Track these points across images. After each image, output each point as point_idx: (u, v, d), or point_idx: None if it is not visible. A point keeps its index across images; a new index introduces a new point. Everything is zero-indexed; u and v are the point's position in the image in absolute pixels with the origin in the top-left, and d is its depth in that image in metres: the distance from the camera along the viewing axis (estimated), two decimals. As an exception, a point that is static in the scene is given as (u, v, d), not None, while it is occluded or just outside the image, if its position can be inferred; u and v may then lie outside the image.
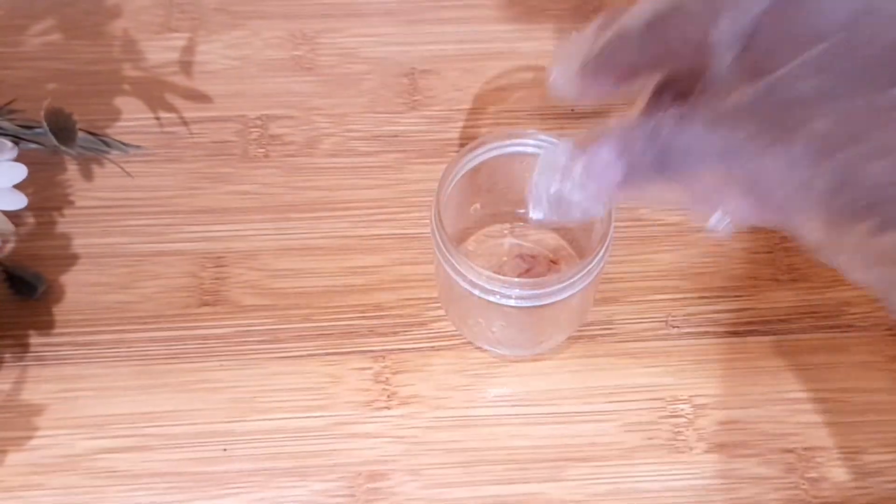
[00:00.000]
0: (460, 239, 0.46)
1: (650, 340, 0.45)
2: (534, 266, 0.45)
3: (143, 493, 0.42)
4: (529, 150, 0.40)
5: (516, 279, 0.39)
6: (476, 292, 0.39)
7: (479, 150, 0.40)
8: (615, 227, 0.39)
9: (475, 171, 0.41)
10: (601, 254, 0.38)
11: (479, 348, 0.45)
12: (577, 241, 0.46)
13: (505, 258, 0.46)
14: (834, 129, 0.24)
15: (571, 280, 0.38)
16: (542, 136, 0.40)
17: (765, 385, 0.44)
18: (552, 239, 0.47)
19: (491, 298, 0.38)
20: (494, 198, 0.45)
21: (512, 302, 0.38)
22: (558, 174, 0.29)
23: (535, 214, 0.30)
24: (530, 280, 0.40)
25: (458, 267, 0.39)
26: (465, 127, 0.51)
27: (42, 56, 0.53)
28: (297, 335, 0.45)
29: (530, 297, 0.38)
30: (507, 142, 0.40)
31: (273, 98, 0.52)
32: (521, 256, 0.45)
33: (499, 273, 0.38)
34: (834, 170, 0.25)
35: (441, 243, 0.39)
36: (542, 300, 0.38)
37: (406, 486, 0.42)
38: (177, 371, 0.44)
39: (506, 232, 0.47)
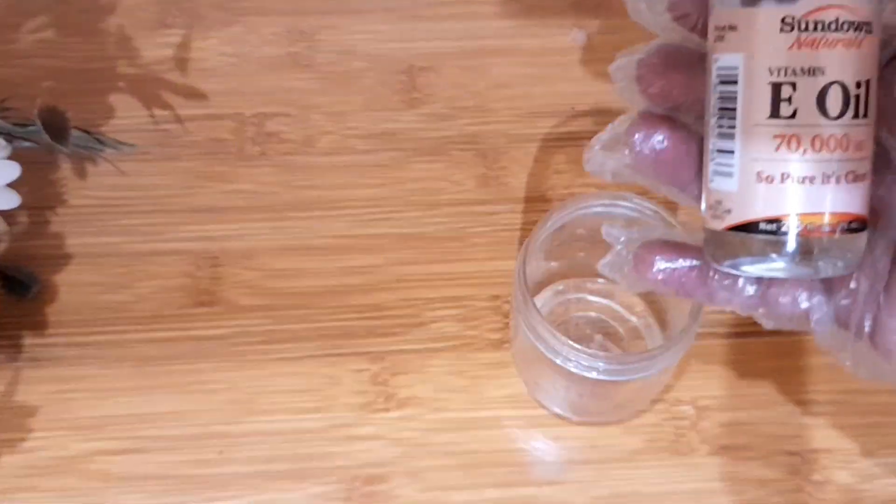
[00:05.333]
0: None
1: (652, 341, 0.45)
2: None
3: (138, 496, 0.41)
4: (621, 211, 0.38)
5: (602, 352, 0.37)
6: (558, 360, 0.37)
7: (569, 210, 0.39)
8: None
9: (560, 229, 0.39)
10: (692, 330, 0.37)
11: (549, 411, 0.43)
12: (659, 304, 0.44)
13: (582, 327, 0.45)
14: None
15: (660, 356, 0.36)
16: (637, 200, 0.38)
17: (768, 387, 0.44)
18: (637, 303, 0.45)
19: (572, 368, 0.37)
20: (572, 256, 0.43)
21: (594, 374, 0.37)
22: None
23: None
24: (617, 354, 0.39)
25: (542, 333, 0.37)
26: (463, 125, 0.51)
27: (36, 54, 0.53)
28: (294, 336, 0.45)
29: (616, 371, 0.37)
30: (597, 202, 0.38)
31: (270, 95, 0.52)
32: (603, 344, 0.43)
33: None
34: None
35: (525, 306, 0.37)
36: (626, 375, 0.37)
37: (405, 489, 0.42)
38: (173, 372, 0.44)
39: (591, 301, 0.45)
